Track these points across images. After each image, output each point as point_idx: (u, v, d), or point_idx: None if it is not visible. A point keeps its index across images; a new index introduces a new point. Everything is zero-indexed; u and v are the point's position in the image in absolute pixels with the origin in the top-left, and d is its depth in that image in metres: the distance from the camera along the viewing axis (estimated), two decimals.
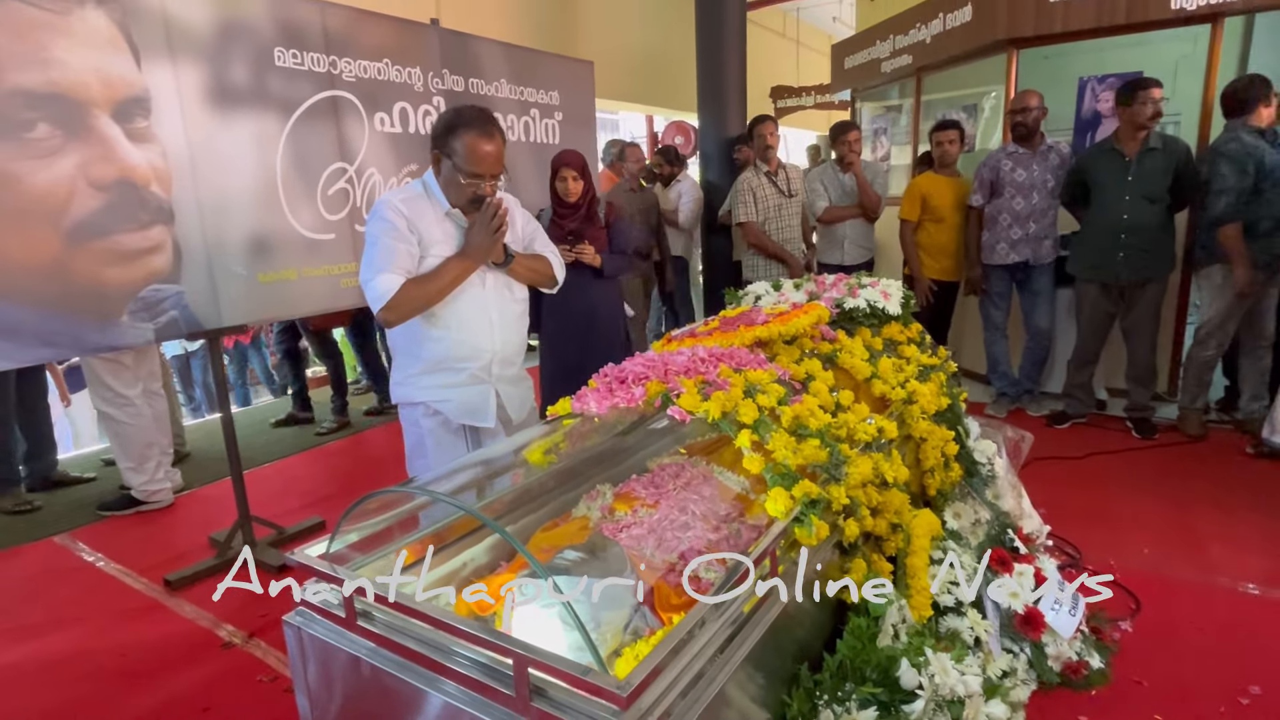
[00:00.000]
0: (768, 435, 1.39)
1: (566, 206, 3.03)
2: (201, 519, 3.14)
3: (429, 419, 1.99)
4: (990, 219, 3.84)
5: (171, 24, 2.38)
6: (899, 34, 5.05)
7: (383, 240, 1.83)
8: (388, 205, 1.85)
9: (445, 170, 1.87)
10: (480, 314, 1.99)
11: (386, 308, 1.81)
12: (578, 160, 3.00)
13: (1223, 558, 2.49)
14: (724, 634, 1.10)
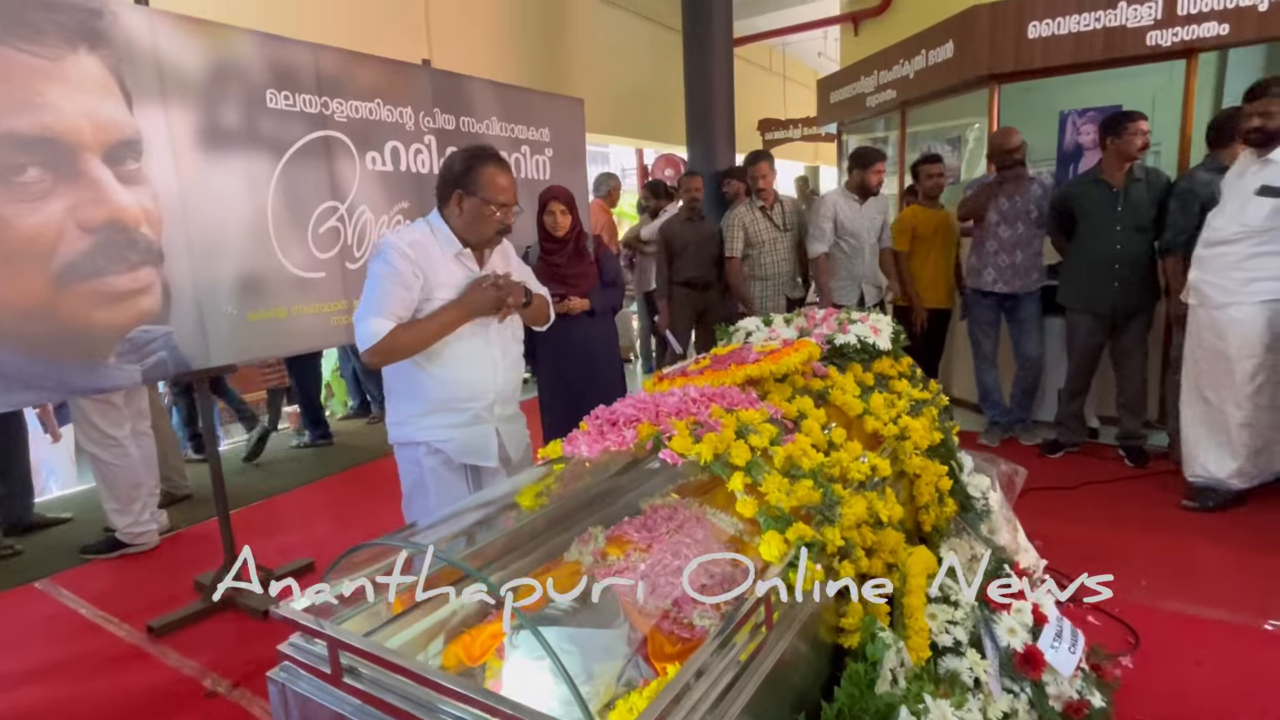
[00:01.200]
0: (760, 477, 1.37)
1: (554, 241, 3.02)
2: (188, 561, 3.09)
3: (430, 458, 2.01)
4: (977, 243, 3.89)
5: (164, 68, 2.40)
6: (883, 69, 5.15)
7: (382, 283, 1.87)
8: (394, 248, 1.87)
9: (469, 207, 1.92)
10: (485, 354, 2.03)
11: (372, 351, 1.85)
12: (566, 194, 2.99)
13: (1218, 588, 2.48)
14: (721, 685, 1.08)
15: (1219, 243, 2.98)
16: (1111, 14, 3.81)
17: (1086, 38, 3.89)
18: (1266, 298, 2.87)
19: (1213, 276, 3.00)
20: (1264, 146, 2.87)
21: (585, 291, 3.05)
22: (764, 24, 8.99)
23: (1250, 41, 3.74)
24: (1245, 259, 2.90)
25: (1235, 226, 2.92)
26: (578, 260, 3.04)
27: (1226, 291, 2.94)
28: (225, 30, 2.59)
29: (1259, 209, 2.86)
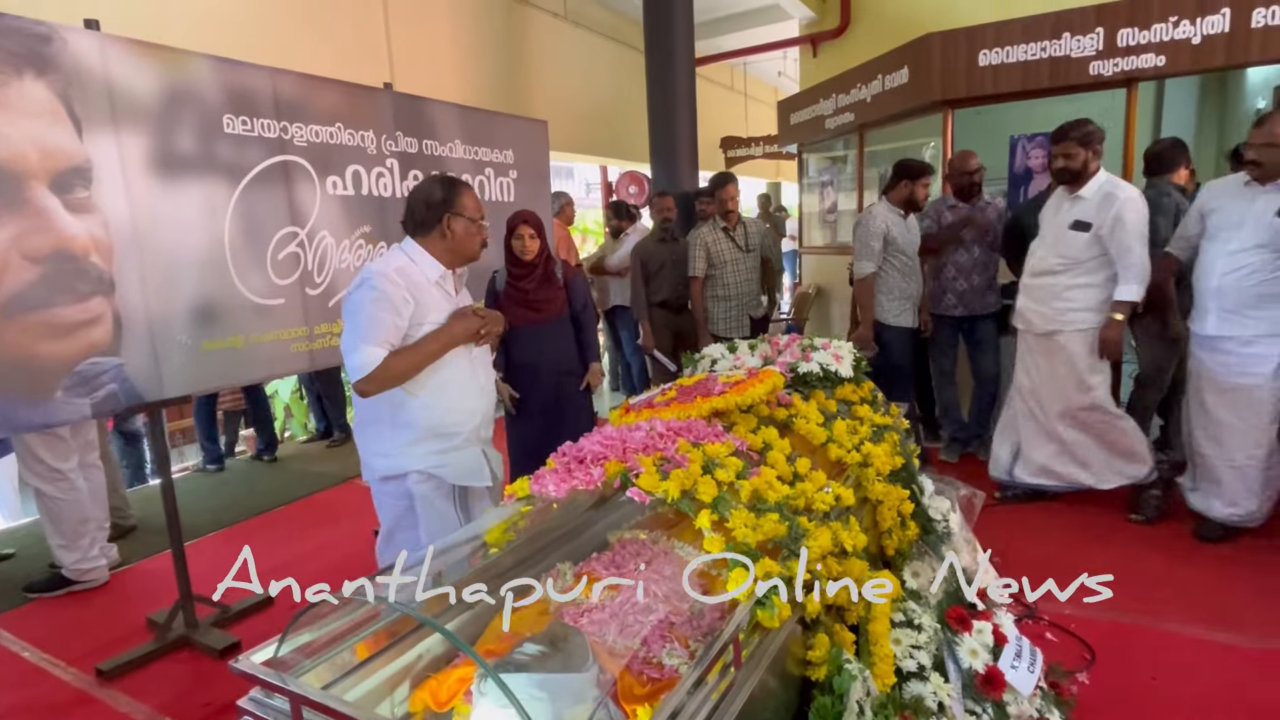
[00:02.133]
0: (727, 512, 1.39)
1: (522, 266, 2.99)
2: (139, 598, 2.98)
3: (422, 485, 2.05)
4: (936, 270, 3.98)
5: (116, 94, 2.35)
6: (841, 93, 5.27)
7: (371, 310, 1.92)
8: (381, 275, 1.93)
9: (459, 228, 2.06)
10: (471, 379, 2.14)
11: (368, 379, 1.90)
12: (535, 218, 2.96)
13: (1169, 601, 2.57)
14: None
15: (1042, 273, 3.23)
16: (1056, 44, 3.96)
17: (1033, 66, 4.04)
18: (1084, 326, 3.11)
19: (1036, 304, 3.25)
20: (1072, 184, 3.11)
21: (553, 317, 3.03)
22: (725, 44, 9.12)
23: (1185, 72, 3.93)
24: (1066, 289, 3.13)
25: (1054, 258, 3.17)
26: (546, 285, 3.02)
27: (1048, 319, 3.19)
28: (180, 55, 2.54)
29: (1074, 242, 3.10)
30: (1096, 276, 3.08)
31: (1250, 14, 3.56)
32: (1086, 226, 3.05)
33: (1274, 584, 2.64)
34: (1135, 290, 2.98)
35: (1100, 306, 3.08)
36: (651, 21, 5.76)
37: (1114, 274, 3.04)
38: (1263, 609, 2.49)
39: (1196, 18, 3.67)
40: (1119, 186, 3.04)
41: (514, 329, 2.95)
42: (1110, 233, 2.99)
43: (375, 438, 2.07)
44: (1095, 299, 3.09)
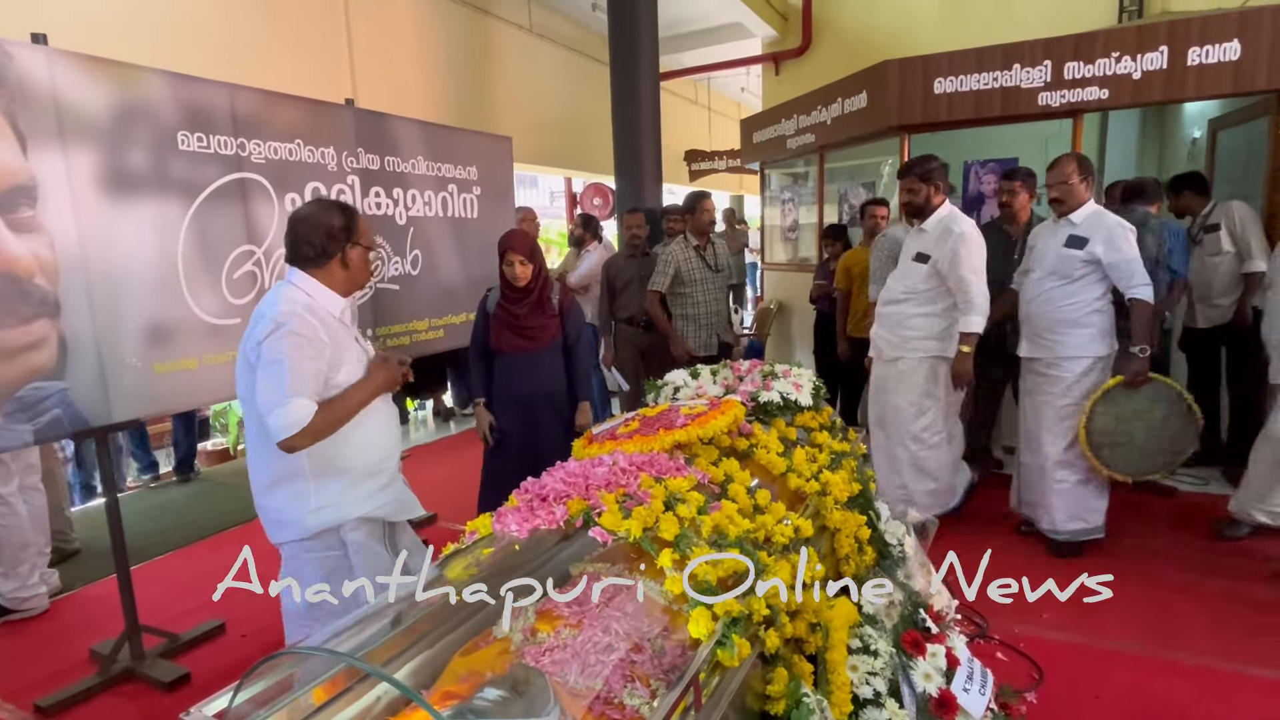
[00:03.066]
0: (689, 550, 1.41)
1: (516, 291, 2.89)
2: (82, 627, 2.87)
3: (355, 532, 1.95)
4: None
5: (63, 110, 2.28)
6: (802, 114, 5.38)
7: (292, 361, 1.75)
8: (298, 318, 1.79)
9: (357, 256, 1.95)
10: (389, 413, 2.11)
11: (301, 434, 1.74)
12: (524, 243, 2.83)
13: (1111, 619, 2.67)
14: None
15: (890, 302, 3.41)
16: (1007, 75, 4.11)
17: (986, 95, 4.18)
18: (924, 353, 3.28)
19: (886, 332, 3.42)
20: (917, 218, 3.30)
21: (544, 345, 2.92)
22: (689, 60, 9.23)
23: (1126, 105, 4.11)
24: (909, 317, 3.31)
25: (901, 288, 3.34)
26: (538, 312, 2.90)
27: (894, 346, 3.35)
28: (132, 70, 2.48)
29: (917, 273, 3.27)
30: (936, 306, 3.25)
31: (1186, 53, 3.75)
32: (926, 259, 3.22)
33: (1208, 603, 2.76)
34: (977, 322, 3.12)
35: (940, 335, 3.25)
36: (616, 36, 5.80)
37: (954, 304, 3.20)
38: (1198, 628, 2.60)
39: (1137, 54, 3.85)
40: (957, 221, 3.19)
41: (501, 354, 2.93)
42: (948, 266, 3.15)
43: (301, 495, 1.89)
44: (935, 328, 3.26)
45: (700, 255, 4.23)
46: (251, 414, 1.86)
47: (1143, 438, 3.05)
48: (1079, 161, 3.10)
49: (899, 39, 6.88)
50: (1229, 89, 3.80)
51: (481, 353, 3.00)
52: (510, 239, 2.85)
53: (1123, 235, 2.98)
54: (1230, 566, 3.02)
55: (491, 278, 4.17)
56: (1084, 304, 3.08)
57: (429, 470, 4.86)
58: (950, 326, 3.22)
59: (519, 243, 2.83)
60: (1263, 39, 3.64)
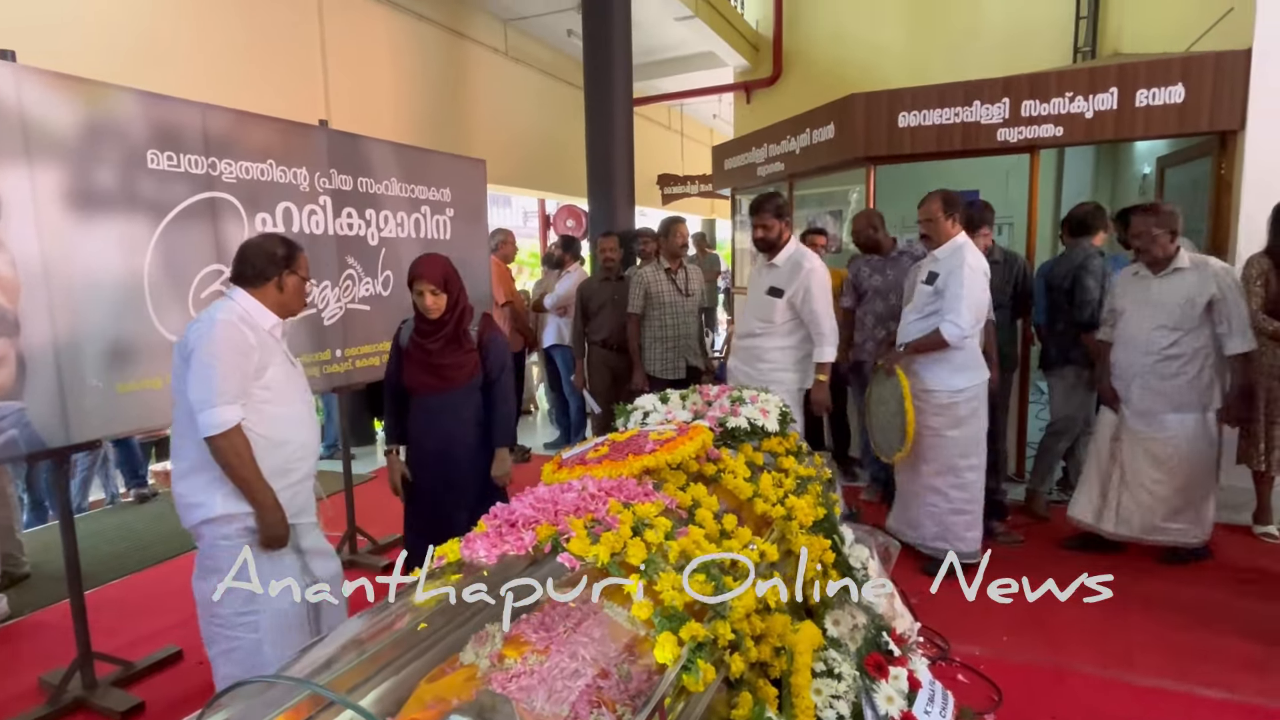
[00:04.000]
0: (656, 575, 1.43)
1: (429, 324, 2.61)
2: (31, 655, 2.78)
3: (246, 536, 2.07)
4: (859, 321, 4.18)
5: (30, 127, 2.26)
6: (772, 143, 5.50)
7: (226, 361, 1.98)
8: (230, 324, 2.01)
9: (293, 285, 2.19)
10: (309, 414, 2.28)
11: (225, 436, 1.97)
12: (436, 272, 2.55)
13: (1069, 641, 2.73)
14: None
15: (746, 335, 3.47)
16: (968, 111, 4.27)
17: (947, 130, 4.33)
18: (785, 386, 3.34)
19: (744, 366, 3.48)
20: (768, 253, 3.41)
21: (460, 384, 2.64)
22: (663, 86, 9.39)
23: (1080, 142, 4.29)
24: (767, 350, 3.40)
25: (755, 322, 3.43)
26: (454, 347, 2.61)
27: (754, 379, 3.38)
28: (102, 88, 2.46)
29: (770, 307, 3.36)
30: (792, 338, 3.38)
31: (1134, 95, 3.94)
32: (780, 293, 3.33)
33: (1159, 623, 2.85)
34: (829, 352, 3.31)
35: (797, 366, 3.38)
36: (591, 63, 5.90)
37: (808, 335, 3.36)
38: (1149, 648, 2.68)
39: (1089, 94, 4.03)
40: (806, 257, 3.35)
41: (415, 395, 2.67)
42: (801, 301, 3.30)
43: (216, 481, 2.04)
44: (792, 359, 3.38)
45: (671, 279, 4.28)
46: (183, 405, 2.03)
47: (884, 420, 3.37)
48: (945, 199, 3.24)
49: (867, 72, 7.10)
50: (1175, 129, 3.99)
51: (395, 392, 2.74)
52: (419, 266, 2.57)
53: (963, 273, 3.06)
54: (1186, 588, 3.12)
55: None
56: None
57: None
58: (805, 358, 3.38)
59: (428, 270, 2.55)
60: (1205, 83, 3.84)
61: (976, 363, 3.24)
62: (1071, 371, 3.80)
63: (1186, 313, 3.08)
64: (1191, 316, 3.08)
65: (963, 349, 3.16)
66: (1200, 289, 3.06)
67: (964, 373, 3.20)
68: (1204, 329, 3.09)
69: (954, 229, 3.23)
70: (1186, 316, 3.09)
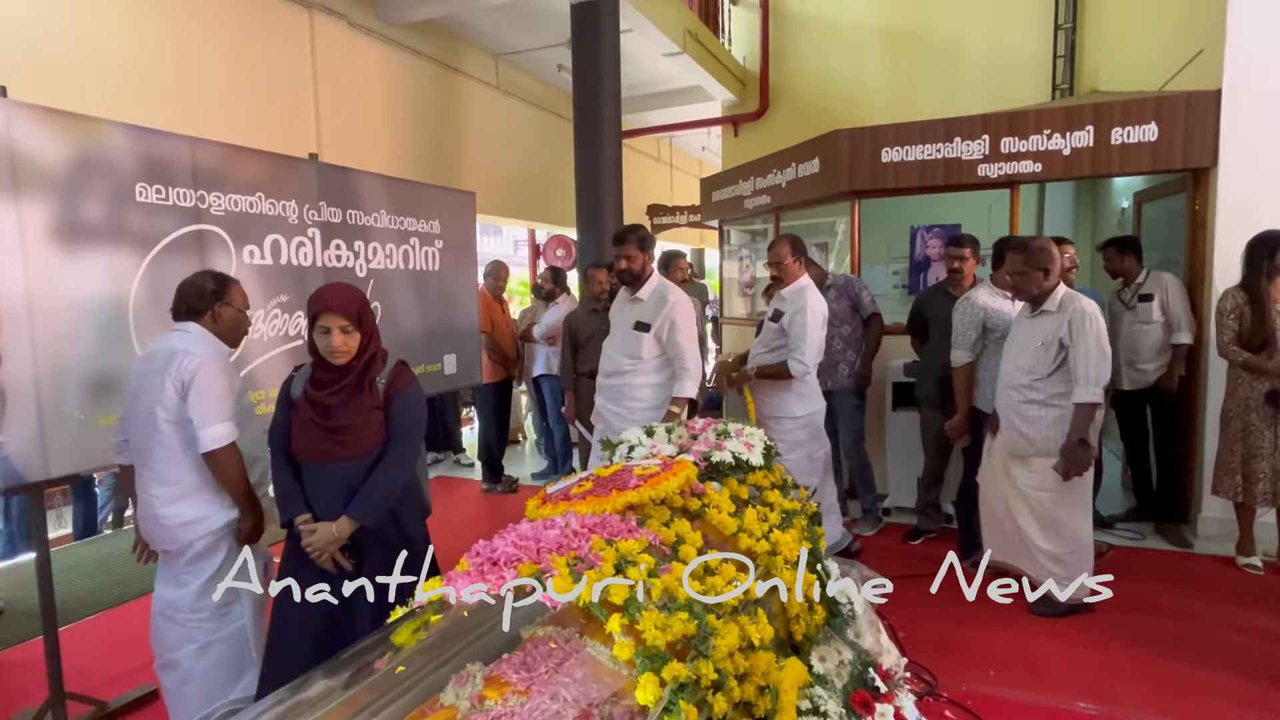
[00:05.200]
0: (638, 614, 1.42)
1: (328, 370, 2.06)
2: (2, 693, 2.71)
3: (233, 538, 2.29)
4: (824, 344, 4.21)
5: (18, 161, 2.27)
6: (759, 176, 5.59)
7: (224, 383, 2.18)
8: (218, 353, 2.24)
9: (230, 315, 2.33)
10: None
11: (227, 450, 2.16)
12: (350, 304, 2.04)
13: (1056, 676, 2.72)
14: None
15: (613, 373, 3.37)
16: (949, 147, 4.36)
17: (930, 165, 4.41)
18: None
19: (612, 405, 3.38)
20: (632, 286, 3.36)
21: (360, 452, 2.07)
22: (651, 119, 9.53)
23: (1059, 178, 4.38)
24: (637, 388, 3.32)
25: (623, 359, 3.34)
26: (355, 404, 2.07)
27: (621, 418, 3.31)
28: (93, 123, 2.48)
29: (637, 342, 3.30)
30: (661, 375, 3.31)
31: (1110, 133, 4.04)
32: (646, 327, 3.26)
33: (1145, 657, 2.85)
34: (689, 388, 3.25)
35: (665, 403, 3.30)
36: (580, 97, 5.98)
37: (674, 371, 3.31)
38: (1136, 682, 2.67)
39: (1066, 132, 4.13)
40: (670, 290, 3.32)
41: (304, 463, 2.10)
42: (667, 336, 3.25)
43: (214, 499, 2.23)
44: (661, 397, 3.31)
45: None
46: (173, 434, 2.17)
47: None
48: (792, 243, 3.51)
49: (851, 106, 7.24)
50: (1149, 167, 4.09)
51: (286, 458, 2.14)
52: (327, 297, 2.04)
53: (806, 315, 3.39)
54: (1171, 622, 3.12)
55: (448, 330, 4.23)
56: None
57: None
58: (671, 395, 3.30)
59: (340, 301, 2.02)
60: (1177, 122, 3.95)
61: (814, 393, 3.59)
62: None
63: (1040, 356, 3.01)
64: (1045, 360, 2.99)
65: (804, 382, 3.50)
66: (1053, 333, 2.98)
67: (803, 400, 3.53)
68: (1064, 376, 2.97)
69: (800, 271, 3.51)
70: (1040, 360, 3.01)
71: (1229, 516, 3.71)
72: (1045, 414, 3.02)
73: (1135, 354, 4.04)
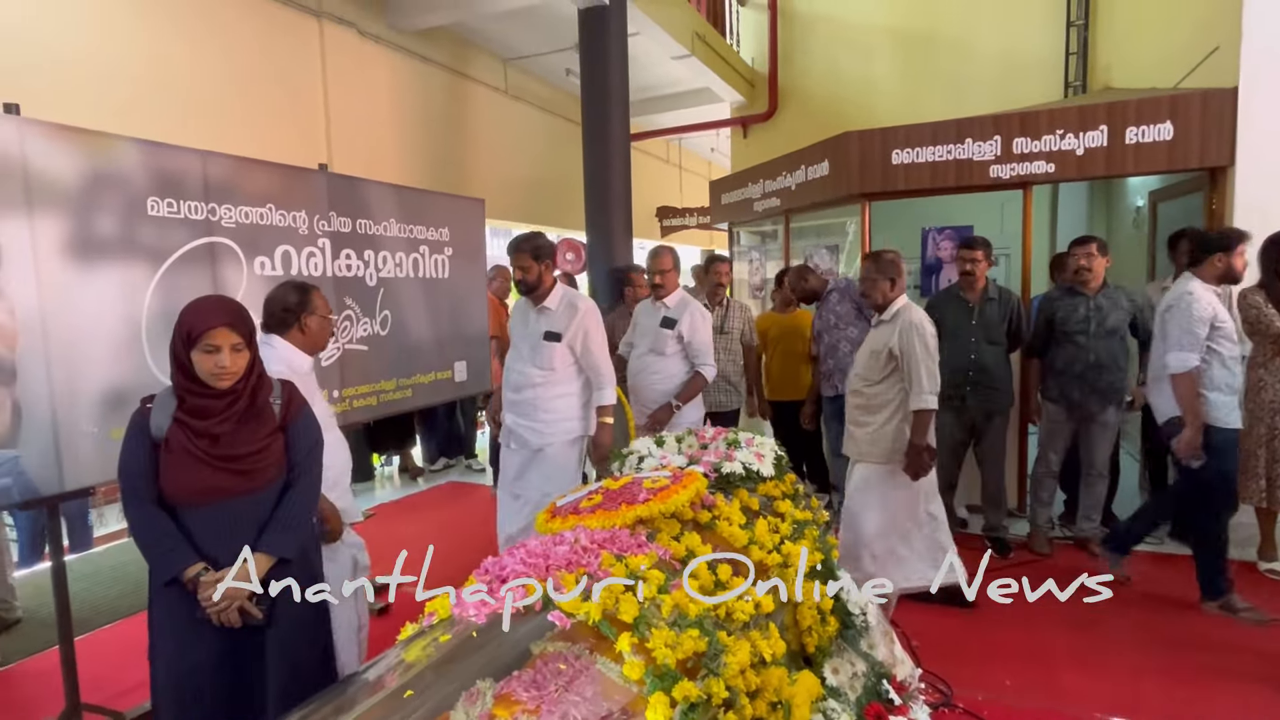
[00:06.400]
0: (648, 632, 1.41)
1: (211, 395, 1.79)
2: (20, 705, 2.74)
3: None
4: (831, 349, 4.25)
5: (32, 178, 2.29)
6: (768, 179, 5.56)
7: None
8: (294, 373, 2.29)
9: (315, 324, 2.45)
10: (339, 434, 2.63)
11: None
12: (242, 319, 1.83)
13: (1074, 686, 2.69)
14: None
15: (525, 387, 3.16)
16: (960, 148, 4.32)
17: (941, 166, 4.37)
18: (571, 435, 3.18)
19: (524, 420, 3.17)
20: (531, 296, 3.16)
21: (266, 483, 1.87)
22: (660, 121, 9.52)
23: (1072, 179, 4.33)
24: (550, 400, 3.14)
25: (534, 371, 3.14)
26: (248, 429, 1.84)
27: (538, 434, 3.14)
28: (104, 138, 2.50)
29: (548, 353, 3.12)
30: (574, 384, 3.18)
31: (1124, 132, 3.99)
32: (558, 337, 3.10)
33: (1167, 665, 2.81)
34: (610, 394, 3.18)
35: (581, 413, 3.19)
36: (588, 99, 5.99)
37: (587, 381, 3.20)
38: (1157, 692, 2.64)
39: (1079, 132, 4.08)
40: (579, 298, 3.20)
41: (190, 508, 1.81)
42: (581, 347, 3.12)
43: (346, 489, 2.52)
44: (575, 408, 3.18)
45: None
46: None
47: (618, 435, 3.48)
48: (673, 254, 3.73)
49: (861, 107, 7.21)
50: (1164, 166, 4.03)
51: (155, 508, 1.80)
52: (212, 312, 1.79)
53: (699, 321, 3.64)
54: (1195, 628, 3.08)
55: (458, 337, 4.24)
56: (675, 375, 3.67)
57: (395, 527, 4.77)
58: (588, 404, 3.22)
59: (229, 316, 1.80)
60: (1193, 121, 3.89)
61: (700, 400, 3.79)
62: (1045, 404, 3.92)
63: (871, 364, 3.09)
64: (875, 368, 3.07)
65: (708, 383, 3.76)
66: (885, 342, 3.03)
67: (697, 408, 3.76)
68: (895, 382, 3.02)
69: (678, 281, 3.72)
70: (871, 368, 3.09)
71: (1250, 520, 3.65)
72: (873, 419, 3.09)
73: None
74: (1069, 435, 3.84)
